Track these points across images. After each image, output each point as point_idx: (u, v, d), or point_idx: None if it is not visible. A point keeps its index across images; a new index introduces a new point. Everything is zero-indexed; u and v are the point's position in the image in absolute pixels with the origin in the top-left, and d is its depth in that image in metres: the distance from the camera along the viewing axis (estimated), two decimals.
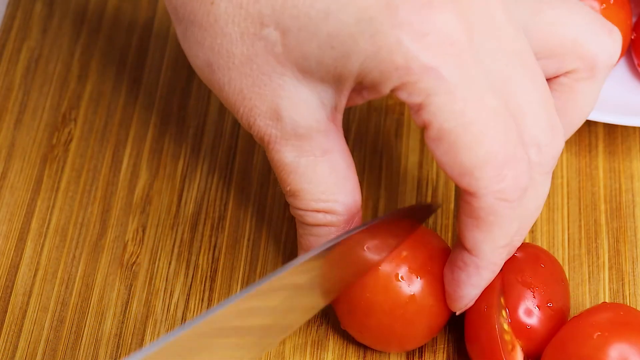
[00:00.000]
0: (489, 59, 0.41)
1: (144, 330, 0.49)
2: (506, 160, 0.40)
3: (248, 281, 0.52)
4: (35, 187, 0.55)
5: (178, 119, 0.57)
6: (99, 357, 0.48)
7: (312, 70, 0.42)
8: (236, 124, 0.57)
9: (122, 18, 0.62)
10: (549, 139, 0.43)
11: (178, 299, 0.50)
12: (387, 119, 0.58)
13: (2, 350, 0.49)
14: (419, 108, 0.39)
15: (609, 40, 0.45)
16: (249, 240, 0.52)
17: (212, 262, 0.51)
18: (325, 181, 0.45)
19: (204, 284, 0.51)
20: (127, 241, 0.52)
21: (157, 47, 0.60)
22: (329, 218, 0.46)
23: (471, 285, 0.44)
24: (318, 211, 0.46)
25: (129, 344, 0.49)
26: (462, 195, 0.42)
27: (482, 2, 0.41)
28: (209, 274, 0.51)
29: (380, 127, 0.58)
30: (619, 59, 0.56)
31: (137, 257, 0.52)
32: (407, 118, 0.57)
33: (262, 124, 0.44)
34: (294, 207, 0.46)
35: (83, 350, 0.49)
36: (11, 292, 0.50)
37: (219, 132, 0.57)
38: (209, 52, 0.43)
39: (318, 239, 0.47)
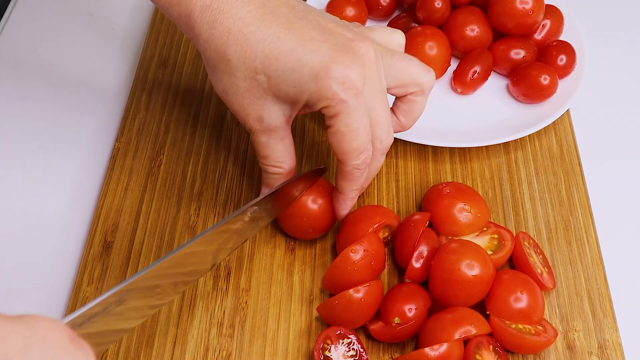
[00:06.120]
0: (369, 95, 0.52)
1: None
2: (362, 150, 0.53)
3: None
4: (144, 189, 0.66)
5: (216, 149, 0.69)
6: None
7: (282, 97, 0.51)
8: (245, 161, 0.67)
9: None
10: (386, 136, 0.55)
11: None
12: (310, 130, 0.70)
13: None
14: (330, 118, 0.51)
15: (430, 75, 0.56)
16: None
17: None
18: (280, 153, 0.56)
19: None
20: (191, 215, 0.64)
21: (208, 105, 0.70)
22: (279, 170, 0.57)
23: (342, 208, 0.58)
24: (275, 166, 0.57)
25: None
26: (338, 163, 0.55)
27: (371, 64, 0.51)
28: None
29: (305, 133, 0.70)
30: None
31: (196, 223, 0.64)
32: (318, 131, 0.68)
33: (252, 122, 0.54)
34: (263, 164, 0.56)
35: None
36: (133, 242, 0.62)
37: (236, 159, 0.68)
38: (226, 85, 0.52)
39: (273, 180, 0.58)
